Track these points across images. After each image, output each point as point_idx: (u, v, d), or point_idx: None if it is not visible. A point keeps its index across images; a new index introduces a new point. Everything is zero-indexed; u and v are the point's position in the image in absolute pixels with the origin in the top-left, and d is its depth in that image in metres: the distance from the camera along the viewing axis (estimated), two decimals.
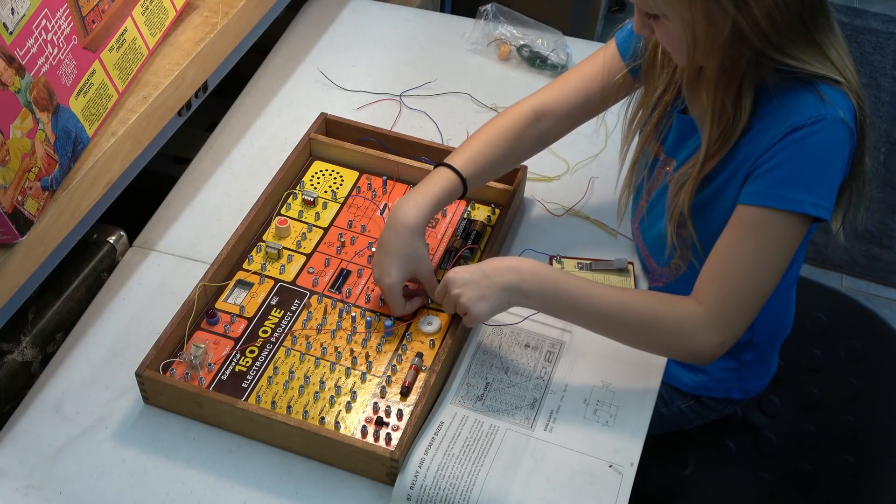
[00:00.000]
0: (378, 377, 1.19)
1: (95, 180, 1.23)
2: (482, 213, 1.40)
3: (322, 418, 1.14)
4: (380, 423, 1.13)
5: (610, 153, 1.53)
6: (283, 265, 1.31)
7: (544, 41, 1.74)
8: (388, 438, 1.12)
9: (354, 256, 1.33)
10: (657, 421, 1.25)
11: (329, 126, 1.50)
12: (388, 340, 1.23)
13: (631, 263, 1.35)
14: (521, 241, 1.40)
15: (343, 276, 1.30)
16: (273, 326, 1.23)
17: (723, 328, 1.12)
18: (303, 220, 1.38)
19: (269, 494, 1.11)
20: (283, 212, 1.39)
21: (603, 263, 1.34)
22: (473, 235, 1.35)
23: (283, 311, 1.25)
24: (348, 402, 1.15)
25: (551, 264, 1.34)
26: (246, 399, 1.15)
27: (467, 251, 1.34)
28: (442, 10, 2.28)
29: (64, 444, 1.15)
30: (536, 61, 1.72)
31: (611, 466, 1.12)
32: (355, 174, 1.45)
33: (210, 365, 1.19)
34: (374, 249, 1.31)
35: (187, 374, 1.17)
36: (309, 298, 1.27)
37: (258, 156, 1.54)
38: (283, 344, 1.22)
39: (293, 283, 1.29)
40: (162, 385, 1.15)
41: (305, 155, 1.46)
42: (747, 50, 1.05)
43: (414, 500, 1.08)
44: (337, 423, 1.13)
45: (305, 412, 1.14)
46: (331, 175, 1.45)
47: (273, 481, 1.12)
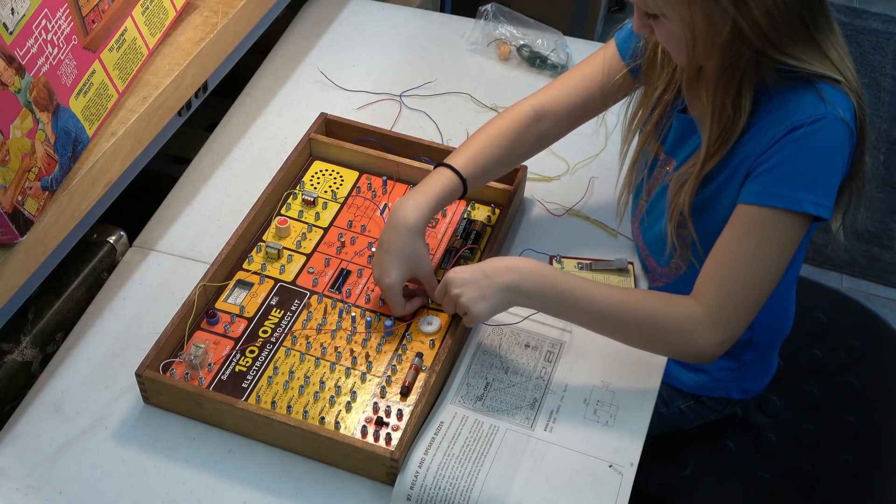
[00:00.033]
0: (378, 377, 1.19)
1: (95, 180, 1.23)
2: (482, 213, 1.40)
3: (322, 418, 1.14)
4: (380, 423, 1.13)
5: (610, 153, 1.53)
6: (283, 265, 1.31)
7: (544, 41, 1.74)
8: (388, 438, 1.12)
9: (354, 256, 1.33)
10: (657, 421, 1.25)
11: (329, 126, 1.50)
12: (388, 340, 1.23)
13: (631, 263, 1.35)
14: (521, 241, 1.40)
15: (343, 276, 1.30)
16: (273, 326, 1.23)
17: (723, 327, 1.12)
18: (303, 220, 1.38)
19: (269, 494, 1.11)
20: (283, 212, 1.39)
21: (603, 263, 1.34)
22: (473, 235, 1.35)
23: (283, 311, 1.25)
24: (348, 402, 1.15)
25: (551, 264, 1.34)
26: (246, 399, 1.15)
27: (467, 251, 1.34)
28: (442, 10, 2.28)
29: (64, 444, 1.15)
30: (536, 61, 1.72)
31: (611, 466, 1.12)
32: (355, 174, 1.45)
33: (210, 365, 1.19)
34: (374, 249, 1.31)
35: (187, 374, 1.17)
36: (309, 298, 1.27)
37: (258, 156, 1.54)
38: (283, 344, 1.22)
39: (293, 283, 1.29)
40: (162, 385, 1.15)
41: (305, 155, 1.46)
42: (747, 49, 1.05)
43: (414, 500, 1.08)
44: (337, 423, 1.13)
45: (305, 412, 1.14)
46: (331, 175, 1.45)
47: (273, 481, 1.12)
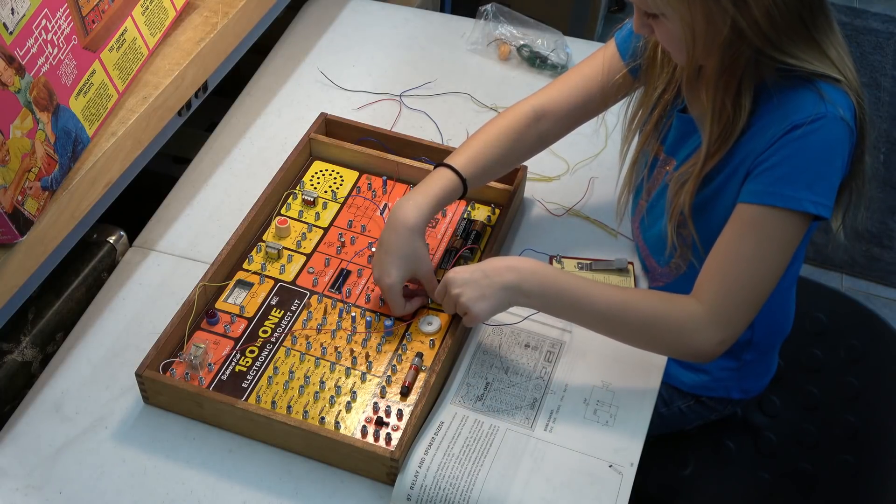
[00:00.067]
0: (378, 377, 1.18)
1: (95, 180, 1.23)
2: (482, 213, 1.40)
3: (322, 418, 1.14)
4: (380, 423, 1.13)
5: (610, 153, 1.53)
6: (283, 265, 1.31)
7: (544, 41, 1.74)
8: (388, 438, 1.12)
9: (354, 256, 1.33)
10: (657, 421, 1.25)
11: (329, 126, 1.50)
12: (388, 340, 1.23)
13: (631, 263, 1.35)
14: (521, 241, 1.40)
15: (343, 276, 1.30)
16: (273, 326, 1.23)
17: (723, 326, 1.12)
18: (303, 220, 1.38)
19: (269, 494, 1.11)
20: (283, 212, 1.39)
21: (603, 263, 1.34)
22: (473, 235, 1.35)
23: (283, 311, 1.25)
24: (348, 402, 1.15)
25: (551, 264, 1.34)
26: (246, 399, 1.15)
27: (467, 251, 1.34)
28: (442, 10, 2.28)
29: (64, 444, 1.15)
30: (536, 61, 1.72)
31: (611, 466, 1.12)
32: (355, 174, 1.45)
33: (210, 365, 1.19)
34: (374, 249, 1.31)
35: (187, 374, 1.17)
36: (309, 298, 1.27)
37: (258, 156, 1.54)
38: (283, 344, 1.22)
39: (293, 283, 1.29)
40: (162, 385, 1.15)
41: (305, 155, 1.46)
42: (747, 49, 1.05)
43: (414, 500, 1.08)
44: (337, 423, 1.13)
45: (305, 412, 1.14)
46: (331, 175, 1.45)
47: (273, 481, 1.12)
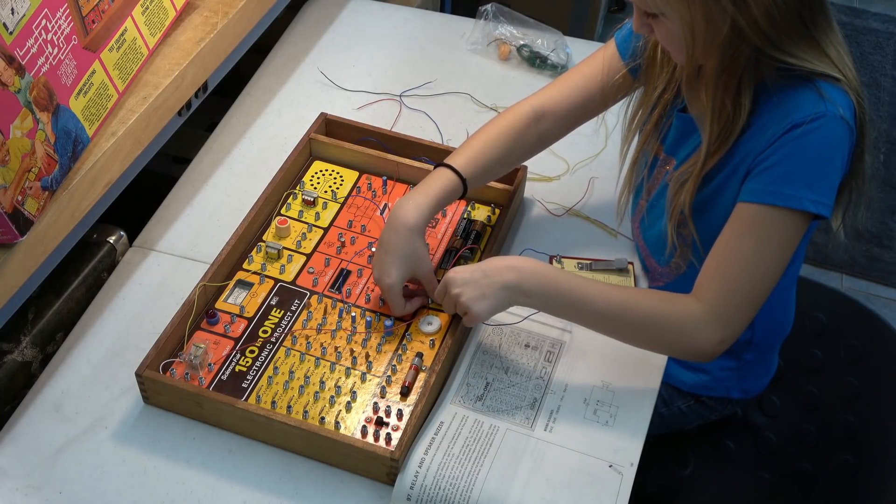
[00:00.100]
0: (378, 377, 1.18)
1: (95, 180, 1.23)
2: (482, 213, 1.40)
3: (322, 418, 1.14)
4: (380, 423, 1.13)
5: (610, 153, 1.53)
6: (283, 265, 1.31)
7: (544, 41, 1.74)
8: (388, 438, 1.12)
9: (354, 256, 1.33)
10: (657, 421, 1.25)
11: (329, 126, 1.50)
12: (388, 340, 1.23)
13: (631, 263, 1.35)
14: (521, 241, 1.40)
15: (343, 276, 1.30)
16: (273, 326, 1.23)
17: (723, 326, 1.12)
18: (303, 220, 1.38)
19: (269, 494, 1.11)
20: (283, 212, 1.39)
21: (603, 263, 1.34)
22: (473, 235, 1.35)
23: (283, 311, 1.25)
24: (348, 402, 1.15)
25: (551, 264, 1.34)
26: (246, 399, 1.15)
27: (467, 251, 1.34)
28: (442, 10, 2.28)
29: (64, 444, 1.15)
30: (536, 61, 1.72)
31: (611, 466, 1.12)
32: (355, 174, 1.45)
33: (210, 365, 1.19)
34: (374, 249, 1.31)
35: (187, 374, 1.17)
36: (309, 298, 1.27)
37: (258, 156, 1.54)
38: (283, 344, 1.22)
39: (293, 283, 1.29)
40: (162, 385, 1.15)
41: (305, 155, 1.46)
42: (746, 48, 1.05)
43: (414, 500, 1.08)
44: (337, 423, 1.13)
45: (305, 412, 1.14)
46: (331, 175, 1.45)
47: (273, 481, 1.12)
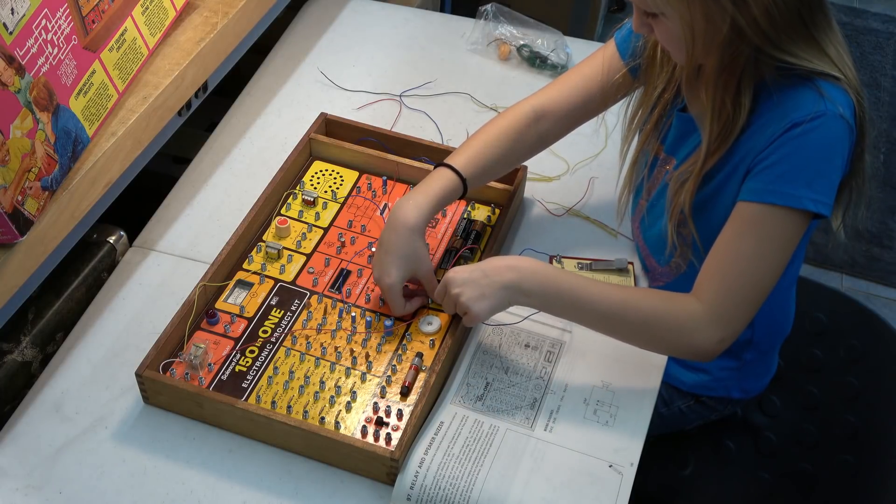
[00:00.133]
0: (378, 377, 1.18)
1: (95, 180, 1.23)
2: (482, 213, 1.40)
3: (322, 418, 1.14)
4: (380, 423, 1.13)
5: (610, 153, 1.53)
6: (283, 265, 1.31)
7: (544, 41, 1.74)
8: (388, 438, 1.12)
9: (354, 256, 1.33)
10: (657, 421, 1.25)
11: (329, 126, 1.50)
12: (388, 340, 1.23)
13: (631, 263, 1.34)
14: (521, 241, 1.40)
15: (343, 276, 1.30)
16: (273, 326, 1.23)
17: (723, 325, 1.12)
18: (303, 220, 1.38)
19: (269, 494, 1.11)
20: (283, 212, 1.39)
21: (603, 263, 1.34)
22: (473, 235, 1.35)
23: (283, 311, 1.25)
24: (348, 402, 1.15)
25: (551, 264, 1.34)
26: (246, 399, 1.15)
27: (467, 251, 1.34)
28: (442, 10, 2.28)
29: (64, 444, 1.15)
30: (536, 61, 1.72)
31: (611, 466, 1.12)
32: (355, 174, 1.45)
33: (210, 365, 1.19)
34: (374, 249, 1.31)
35: (187, 374, 1.17)
36: (309, 298, 1.27)
37: (258, 156, 1.54)
38: (283, 344, 1.21)
39: (293, 283, 1.29)
40: (162, 385, 1.15)
41: (305, 155, 1.46)
42: (746, 47, 1.05)
43: (414, 500, 1.08)
44: (337, 423, 1.13)
45: (305, 412, 1.14)
46: (331, 175, 1.45)
47: (273, 481, 1.12)
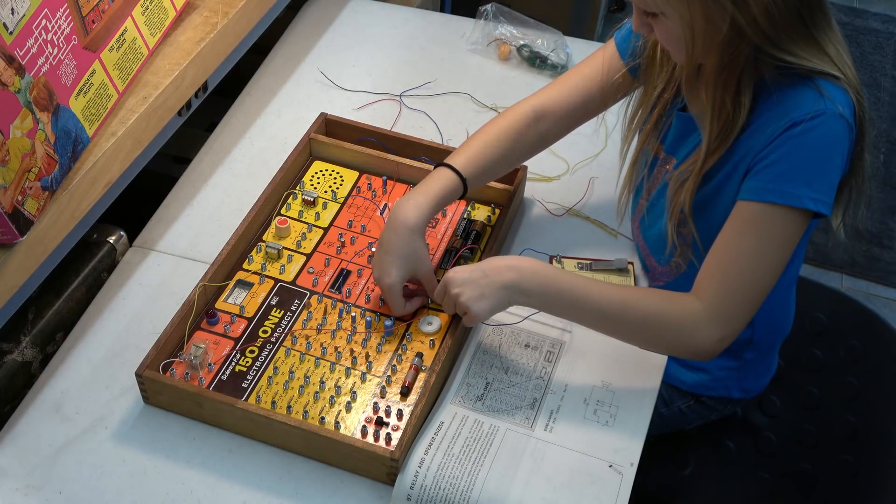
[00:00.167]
0: (378, 377, 1.18)
1: (95, 180, 1.23)
2: (482, 213, 1.40)
3: (322, 418, 1.14)
4: (380, 423, 1.13)
5: (610, 153, 1.53)
6: (283, 265, 1.31)
7: (544, 41, 1.74)
8: (388, 438, 1.12)
9: (354, 256, 1.33)
10: (657, 421, 1.25)
11: (329, 126, 1.50)
12: (388, 340, 1.23)
13: (631, 263, 1.34)
14: (521, 241, 1.40)
15: (343, 276, 1.30)
16: (273, 326, 1.23)
17: (723, 324, 1.12)
18: (303, 220, 1.38)
19: (269, 494, 1.11)
20: (283, 212, 1.39)
21: (603, 263, 1.34)
22: (473, 235, 1.35)
23: (283, 311, 1.25)
24: (348, 402, 1.15)
25: (551, 264, 1.34)
26: (246, 399, 1.15)
27: (467, 251, 1.34)
28: (442, 10, 2.28)
29: (64, 444, 1.15)
30: (536, 61, 1.72)
31: (611, 466, 1.12)
32: (355, 174, 1.45)
33: (210, 365, 1.19)
34: (374, 249, 1.31)
35: (187, 374, 1.17)
36: (309, 298, 1.27)
37: (258, 156, 1.54)
38: (283, 344, 1.21)
39: (293, 283, 1.29)
40: (162, 385, 1.15)
41: (305, 155, 1.46)
42: (746, 47, 1.05)
43: (414, 500, 1.08)
44: (337, 423, 1.13)
45: (305, 412, 1.14)
46: (331, 175, 1.45)
47: (273, 481, 1.12)
